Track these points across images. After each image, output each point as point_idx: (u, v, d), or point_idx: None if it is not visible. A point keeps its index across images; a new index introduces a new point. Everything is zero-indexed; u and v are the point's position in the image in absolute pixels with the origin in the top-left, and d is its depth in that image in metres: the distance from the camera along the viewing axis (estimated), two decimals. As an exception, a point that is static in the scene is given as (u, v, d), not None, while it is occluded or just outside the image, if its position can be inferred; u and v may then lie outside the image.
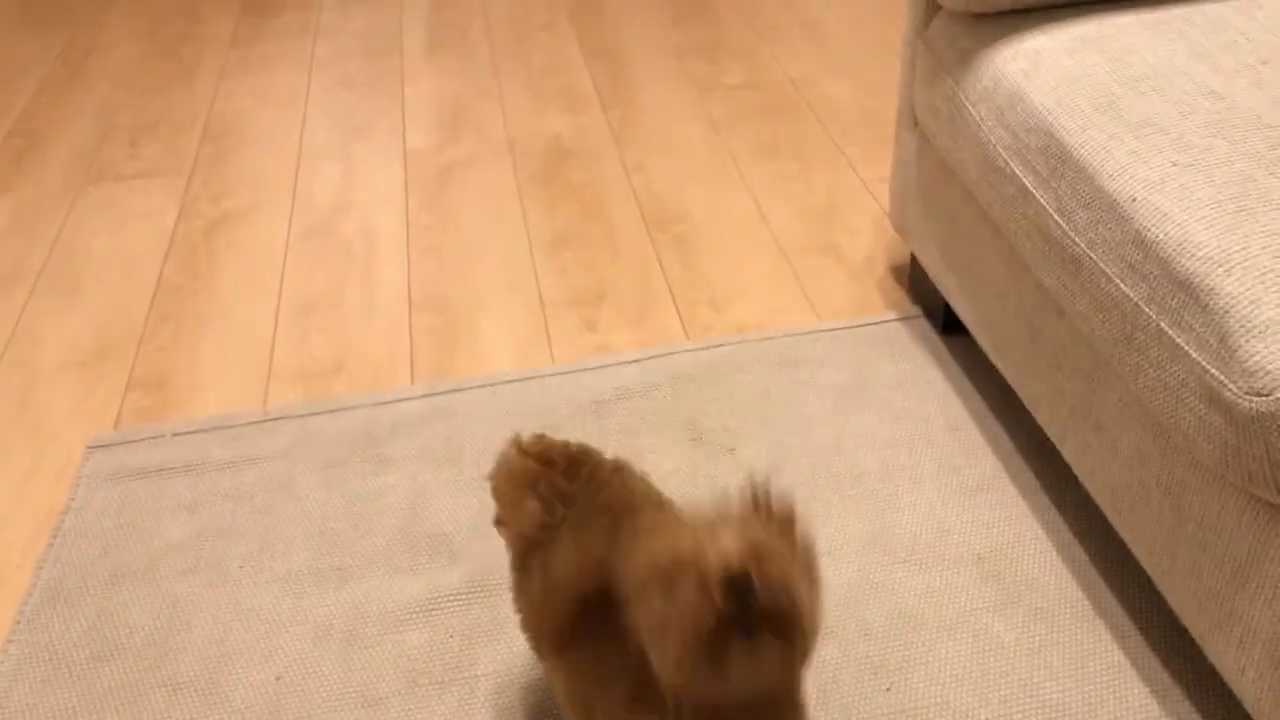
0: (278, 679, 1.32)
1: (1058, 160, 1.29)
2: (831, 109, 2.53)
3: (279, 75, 2.80)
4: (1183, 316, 1.09)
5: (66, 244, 2.19)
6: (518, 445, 1.08)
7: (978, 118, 1.46)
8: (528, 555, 1.02)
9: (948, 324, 1.79)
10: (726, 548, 0.75)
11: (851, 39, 2.86)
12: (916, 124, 1.72)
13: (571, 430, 1.64)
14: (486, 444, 1.63)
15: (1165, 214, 1.13)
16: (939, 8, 1.61)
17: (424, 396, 1.74)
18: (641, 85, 2.68)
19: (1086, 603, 1.36)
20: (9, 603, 1.45)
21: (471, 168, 2.38)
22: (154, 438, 1.68)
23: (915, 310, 1.86)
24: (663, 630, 0.76)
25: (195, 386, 1.80)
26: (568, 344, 1.87)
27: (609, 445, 1.63)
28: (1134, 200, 1.17)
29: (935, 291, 1.77)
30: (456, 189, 2.31)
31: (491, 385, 1.76)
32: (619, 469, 1.06)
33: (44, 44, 3.00)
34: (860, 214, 2.15)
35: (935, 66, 1.58)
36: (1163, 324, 1.11)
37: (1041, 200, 1.32)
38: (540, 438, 1.08)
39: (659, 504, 1.05)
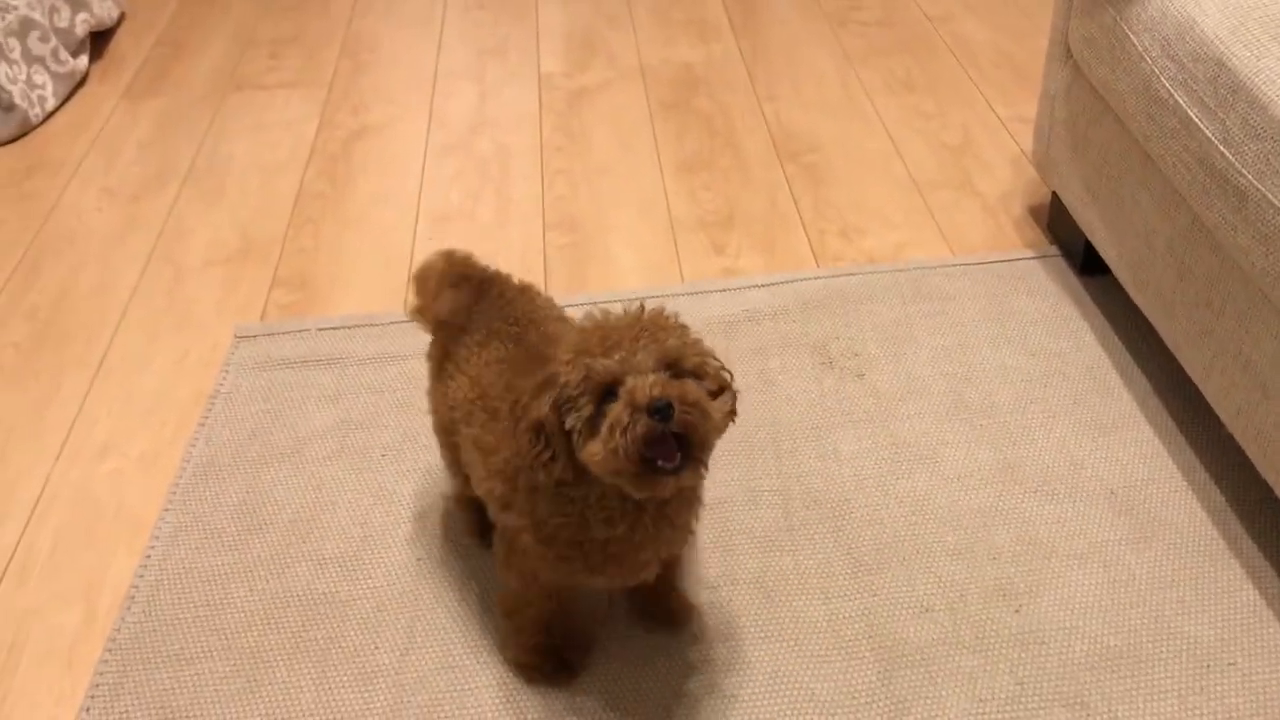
0: (418, 560, 1.37)
1: (1228, 91, 1.26)
2: (967, 48, 2.49)
3: (414, -4, 2.84)
4: (1359, 247, 1.06)
5: (211, 148, 2.26)
6: (445, 253, 1.29)
7: (1140, 48, 1.43)
8: (444, 360, 1.23)
9: (1086, 264, 1.76)
10: (646, 384, 0.95)
11: (989, -20, 2.80)
12: (1069, 57, 1.69)
13: (702, 347, 1.66)
14: (618, 355, 1.66)
15: (1346, 143, 1.11)
16: (1104, -64, 1.58)
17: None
18: (773, 17, 2.66)
19: (1222, 542, 1.35)
20: (164, 475, 1.52)
21: (603, 93, 2.40)
22: (298, 331, 1.74)
23: (1053, 249, 1.84)
24: (610, 431, 0.95)
25: (336, 286, 1.86)
26: (696, 266, 1.88)
27: (736, 364, 1.64)
28: (1312, 129, 1.14)
29: (1075, 230, 1.75)
30: (588, 113, 2.33)
31: (621, 300, 1.78)
32: (526, 289, 1.28)
33: (187, -42, 3.08)
34: (996, 151, 2.12)
35: (1097, -4, 1.55)
36: (1335, 255, 1.09)
37: (1207, 132, 1.29)
38: (467, 255, 1.30)
39: (560, 318, 1.26)
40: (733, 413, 1.03)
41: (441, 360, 1.25)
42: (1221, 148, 1.26)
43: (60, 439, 1.59)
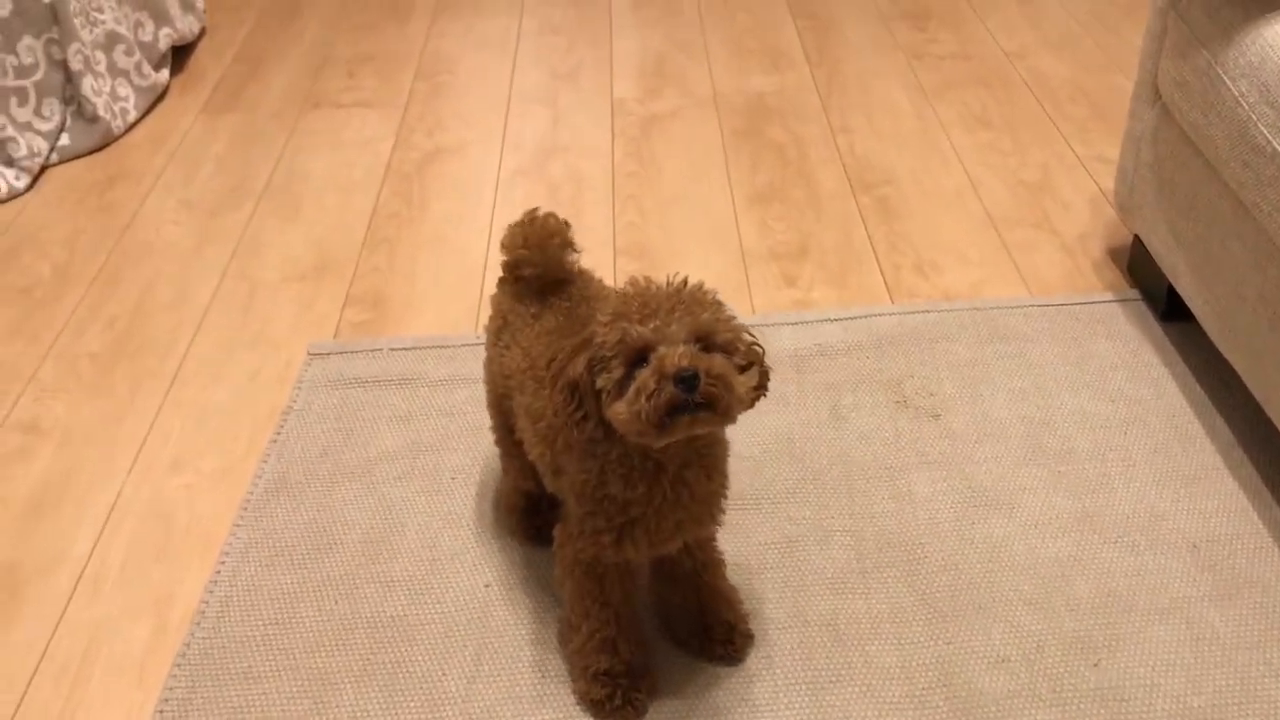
0: (486, 586, 1.37)
1: (1332, 139, 1.23)
2: (1046, 84, 2.46)
3: (490, 19, 2.86)
4: None
5: (288, 164, 2.28)
6: (556, 216, 1.30)
7: (1237, 93, 1.40)
8: (500, 331, 1.30)
9: (1169, 309, 1.73)
10: (676, 354, 1.00)
11: (1066, 14, 2.77)
12: (1158, 99, 1.66)
13: (771, 385, 1.65)
14: (689, 386, 1.65)
15: None
16: (1199, -23, 1.55)
17: (627, 336, 1.76)
18: (848, 48, 2.65)
19: (1311, 604, 1.31)
20: (236, 491, 1.53)
21: (676, 120, 2.40)
22: (371, 350, 1.75)
23: (1134, 293, 1.80)
24: (636, 395, 1.00)
25: (410, 306, 1.87)
26: (768, 297, 1.87)
27: (808, 399, 1.63)
28: None
29: (1158, 274, 1.71)
30: (660, 139, 2.33)
31: (693, 331, 1.77)
32: (584, 271, 1.33)
33: (267, -24, 3.13)
34: (1075, 191, 2.09)
35: (1190, 38, 1.52)
36: None
37: (1308, 180, 1.26)
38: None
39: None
40: (761, 388, 1.09)
41: (498, 332, 1.31)
42: (1323, 198, 1.23)
43: (134, 451, 1.61)
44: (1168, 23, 1.60)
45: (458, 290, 1.91)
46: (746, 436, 1.54)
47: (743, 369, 1.05)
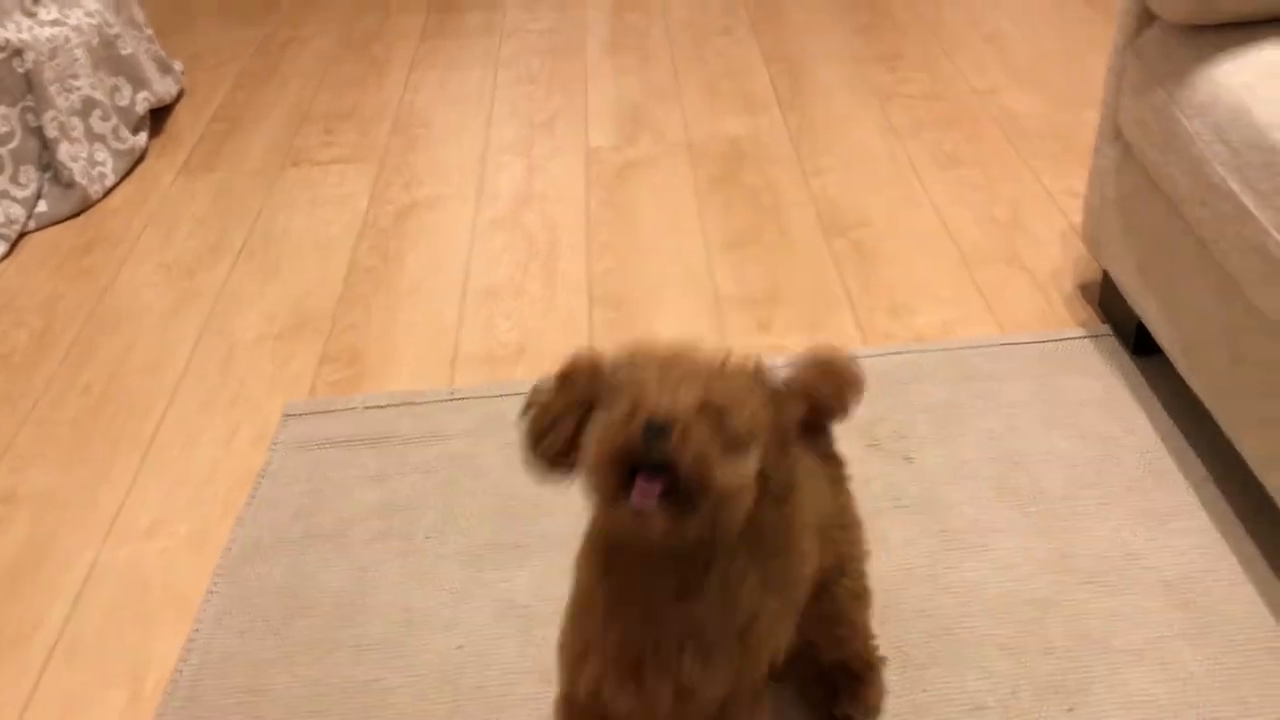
0: (459, 648, 1.36)
1: (1283, 177, 1.24)
2: (1016, 121, 2.48)
3: (466, 71, 2.89)
4: None
5: (266, 222, 2.30)
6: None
7: (1192, 131, 1.41)
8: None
9: (1139, 344, 1.73)
10: (663, 402, 0.83)
11: (1035, 51, 2.80)
12: (1119, 136, 1.67)
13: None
14: (663, 436, 1.65)
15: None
16: (1153, 17, 1.57)
17: (602, 386, 1.77)
18: (820, 91, 2.67)
19: (1285, 639, 1.31)
20: (211, 555, 1.53)
21: (650, 167, 2.41)
22: (346, 409, 1.75)
23: (1104, 328, 1.81)
24: (600, 431, 0.85)
25: (385, 363, 1.87)
26: (742, 344, 1.88)
27: (784, 445, 1.63)
28: (1370, 221, 1.12)
29: (1128, 310, 1.72)
30: (635, 187, 2.34)
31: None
32: None
33: (243, 36, 3.16)
34: (1046, 227, 2.11)
35: (1147, 78, 1.54)
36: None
37: (1262, 220, 1.27)
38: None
39: None
40: (772, 496, 0.88)
41: None
42: (1278, 237, 1.24)
43: (110, 517, 1.61)
44: (1125, 62, 1.62)
45: (433, 344, 1.91)
46: (720, 486, 1.54)
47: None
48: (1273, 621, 1.33)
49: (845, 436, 1.63)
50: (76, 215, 2.34)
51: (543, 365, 1.84)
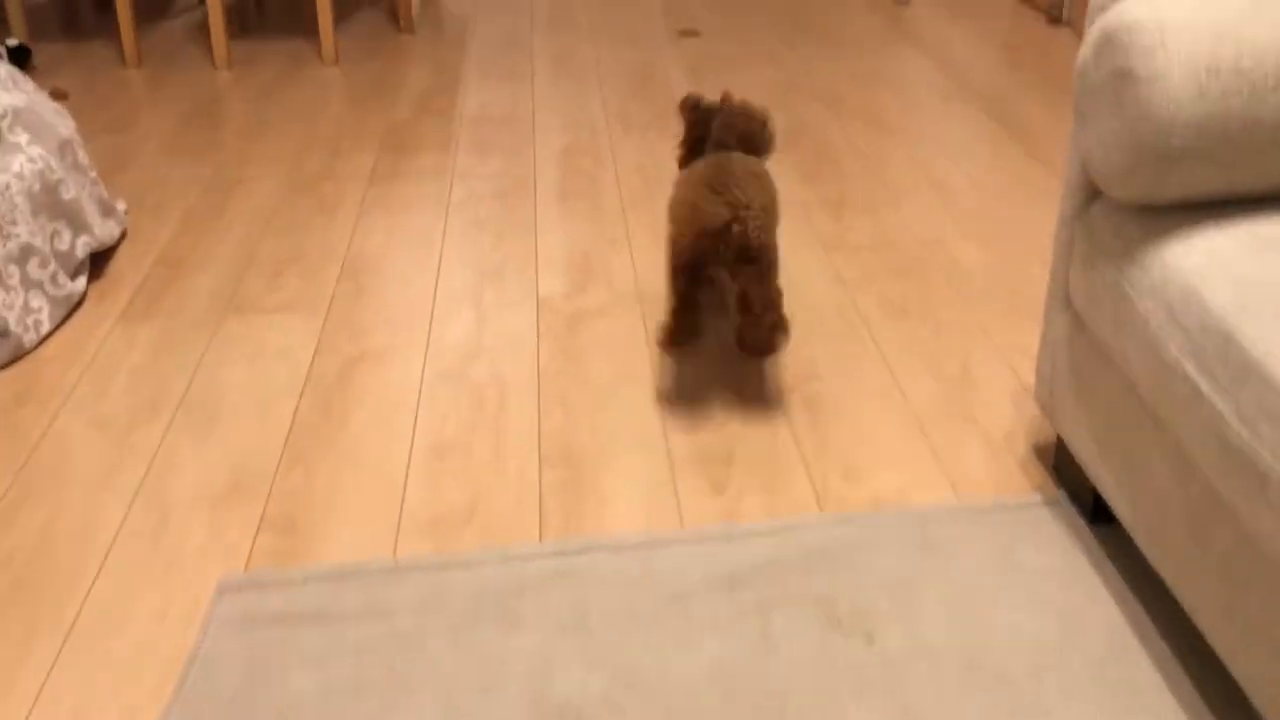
0: None
1: (1239, 368, 1.24)
2: (963, 272, 2.51)
3: (416, 215, 2.88)
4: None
5: (206, 376, 2.24)
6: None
7: (1145, 312, 1.42)
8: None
9: (1097, 512, 1.72)
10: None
11: (980, 200, 2.85)
12: (1069, 305, 1.68)
13: (703, 607, 1.60)
14: (614, 614, 1.60)
15: (1367, 437, 1.08)
16: (1099, 191, 1.59)
17: (552, 555, 1.72)
18: (770, 240, 2.69)
19: (1262, 839, 1.26)
20: (135, 751, 1.44)
21: (601, 316, 2.40)
22: (284, 583, 1.68)
23: (1061, 494, 1.79)
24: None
25: (327, 528, 1.81)
26: (696, 506, 1.84)
27: (739, 624, 1.58)
28: (1330, 419, 1.11)
29: (1084, 477, 1.71)
30: (586, 338, 2.32)
31: (620, 549, 1.73)
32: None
33: (190, 175, 3.14)
34: (997, 385, 2.11)
35: (1096, 253, 1.55)
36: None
37: (1219, 406, 1.26)
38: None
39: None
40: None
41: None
42: (1236, 425, 1.24)
43: (26, 708, 1.51)
44: (1075, 233, 1.64)
45: (375, 507, 1.85)
46: (679, 669, 1.48)
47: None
48: (1248, 818, 1.29)
49: (802, 610, 1.60)
50: (8, 365, 2.26)
51: (492, 527, 1.79)
